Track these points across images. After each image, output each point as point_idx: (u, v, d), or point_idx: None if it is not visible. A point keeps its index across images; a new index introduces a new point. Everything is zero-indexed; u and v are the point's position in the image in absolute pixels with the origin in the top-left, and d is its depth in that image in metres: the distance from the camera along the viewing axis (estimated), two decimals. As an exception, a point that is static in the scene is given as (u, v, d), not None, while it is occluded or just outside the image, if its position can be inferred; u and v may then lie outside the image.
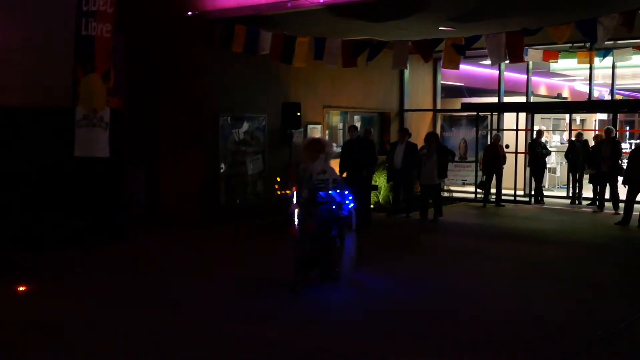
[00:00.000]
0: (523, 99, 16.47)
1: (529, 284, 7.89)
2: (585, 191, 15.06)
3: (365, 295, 7.32)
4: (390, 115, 16.70)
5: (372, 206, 13.07)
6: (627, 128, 21.62)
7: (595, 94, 16.80)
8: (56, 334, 5.92)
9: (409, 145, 12.95)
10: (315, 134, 13.84)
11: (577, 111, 17.57)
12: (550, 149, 16.33)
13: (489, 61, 11.66)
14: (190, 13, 11.49)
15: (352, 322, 6.34)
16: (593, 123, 20.18)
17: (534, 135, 15.33)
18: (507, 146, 15.40)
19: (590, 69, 15.18)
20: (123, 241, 9.98)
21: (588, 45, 13.75)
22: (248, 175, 12.48)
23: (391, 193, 13.90)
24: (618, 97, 17.49)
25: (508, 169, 15.08)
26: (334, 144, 14.95)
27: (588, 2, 10.17)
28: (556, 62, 14.61)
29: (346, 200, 7.45)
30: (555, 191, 16.99)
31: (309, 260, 7.47)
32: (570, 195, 15.36)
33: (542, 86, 20.85)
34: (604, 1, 10.02)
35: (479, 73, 18.42)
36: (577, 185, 14.96)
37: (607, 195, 13.75)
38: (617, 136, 14.47)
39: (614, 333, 6.03)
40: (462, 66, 12.13)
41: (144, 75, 12.25)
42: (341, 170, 12.49)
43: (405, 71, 16.20)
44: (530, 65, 15.83)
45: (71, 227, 9.64)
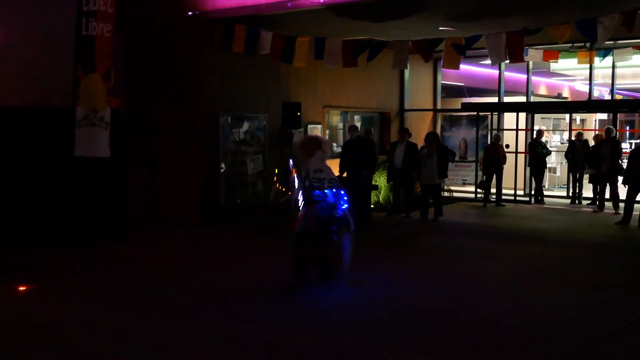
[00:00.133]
0: (523, 99, 16.47)
1: (529, 283, 7.89)
2: (586, 191, 15.05)
3: (365, 295, 7.31)
4: (391, 115, 16.70)
5: (372, 206, 13.06)
6: (627, 128, 21.63)
7: (595, 94, 16.79)
8: (56, 334, 5.92)
9: (409, 145, 12.95)
10: (316, 133, 13.83)
11: (577, 111, 17.58)
12: (550, 149, 16.32)
13: (489, 61, 11.65)
14: (190, 13, 11.49)
15: (352, 322, 6.34)
16: (593, 123, 20.19)
17: (534, 135, 15.34)
18: (507, 146, 15.40)
19: (591, 68, 15.18)
20: (123, 241, 9.98)
21: (588, 45, 13.74)
22: (248, 175, 12.48)
23: (391, 193, 13.89)
24: (618, 97, 17.49)
25: (508, 168, 15.08)
26: (334, 144, 14.98)
27: (588, 2, 10.17)
28: (556, 62, 14.61)
29: (340, 201, 7.42)
30: (556, 191, 16.99)
31: (308, 261, 7.46)
32: (570, 195, 15.36)
33: (542, 86, 20.85)
34: (604, 1, 10.02)
35: (479, 73, 18.43)
36: (577, 185, 14.96)
37: (607, 195, 13.75)
38: (617, 136, 14.48)
39: (614, 333, 6.03)
40: (462, 66, 12.13)
41: (144, 75, 12.25)
42: (341, 170, 12.50)
43: (406, 71, 16.19)
44: (531, 65, 15.82)
45: (71, 227, 9.66)
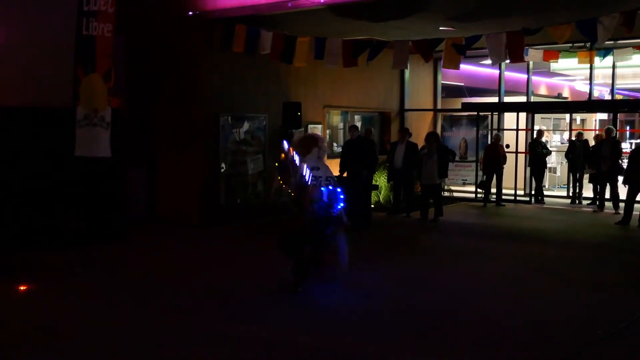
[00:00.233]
0: (523, 99, 16.47)
1: (529, 283, 7.89)
2: (586, 191, 15.05)
3: (365, 295, 7.31)
4: (391, 115, 16.70)
5: (373, 206, 13.06)
6: (627, 128, 21.63)
7: (596, 94, 16.78)
8: (56, 334, 5.92)
9: (409, 145, 12.95)
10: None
11: (577, 111, 17.57)
12: (550, 149, 16.32)
13: (489, 61, 11.65)
14: (190, 13, 11.48)
15: (352, 322, 6.34)
16: (593, 123, 20.19)
17: (535, 135, 15.34)
18: (508, 146, 15.39)
19: (591, 68, 15.18)
20: (123, 241, 9.98)
21: (588, 45, 13.74)
22: (248, 175, 12.48)
23: (391, 193, 13.89)
24: (618, 97, 17.48)
25: (508, 168, 15.08)
26: (334, 144, 14.98)
27: (588, 2, 10.16)
28: (556, 62, 14.62)
29: (337, 200, 7.40)
30: (556, 191, 16.99)
31: (308, 260, 7.46)
32: (570, 195, 15.36)
33: (543, 86, 20.85)
34: (604, 1, 10.02)
35: (480, 73, 18.42)
36: (578, 185, 14.96)
37: (608, 195, 13.75)
38: (617, 136, 14.48)
39: (614, 333, 6.03)
40: (463, 66, 12.12)
41: (144, 75, 12.24)
42: (342, 170, 12.50)
43: (406, 71, 16.19)
44: (531, 65, 15.82)
45: (71, 227, 9.66)
